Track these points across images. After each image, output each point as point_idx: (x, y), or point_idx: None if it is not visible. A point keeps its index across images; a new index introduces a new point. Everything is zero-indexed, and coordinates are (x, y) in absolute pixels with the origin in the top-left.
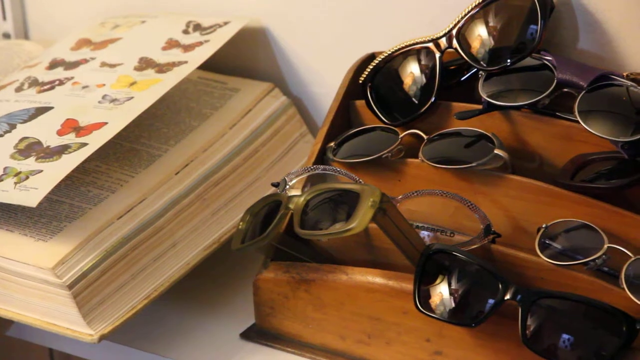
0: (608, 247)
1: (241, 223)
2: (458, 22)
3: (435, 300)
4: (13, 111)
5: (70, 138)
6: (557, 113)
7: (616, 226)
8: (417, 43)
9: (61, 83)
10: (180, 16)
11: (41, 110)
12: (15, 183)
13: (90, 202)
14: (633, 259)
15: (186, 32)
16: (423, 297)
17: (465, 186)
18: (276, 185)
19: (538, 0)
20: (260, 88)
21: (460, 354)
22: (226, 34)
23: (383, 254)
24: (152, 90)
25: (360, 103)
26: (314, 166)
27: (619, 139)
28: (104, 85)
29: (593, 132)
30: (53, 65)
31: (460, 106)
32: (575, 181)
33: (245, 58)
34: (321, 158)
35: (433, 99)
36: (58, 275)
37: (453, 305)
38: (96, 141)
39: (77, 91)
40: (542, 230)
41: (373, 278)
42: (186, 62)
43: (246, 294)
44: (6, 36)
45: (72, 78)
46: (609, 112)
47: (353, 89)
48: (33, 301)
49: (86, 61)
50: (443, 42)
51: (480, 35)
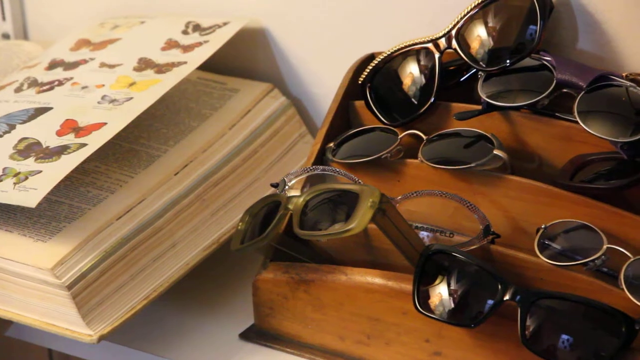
0: (607, 248)
1: (240, 223)
2: (457, 23)
3: (434, 300)
4: (12, 112)
5: (69, 138)
6: (557, 113)
7: (615, 227)
8: (417, 43)
9: (60, 83)
10: (179, 17)
11: (40, 110)
12: (14, 183)
13: (89, 203)
14: (632, 260)
15: (185, 33)
16: (422, 298)
17: (464, 187)
18: (275, 185)
19: (537, 0)
20: (259, 88)
21: (459, 355)
22: (225, 35)
23: (382, 255)
24: (152, 90)
25: (359, 103)
26: (313, 167)
27: (618, 140)
28: (104, 85)
29: (592, 133)
30: (52, 65)
31: (459, 107)
32: (574, 182)
33: (244, 58)
34: (320, 158)
35: (432, 100)
36: (57, 275)
37: (452, 305)
38: (95, 142)
39: (77, 92)
40: (542, 230)
41: (372, 278)
42: (185, 63)
43: (245, 295)
44: (5, 37)
45: (72, 78)
46: (608, 113)
47: (352, 90)
48: (32, 302)
49: (85, 62)
50: (442, 43)
51: (479, 35)
